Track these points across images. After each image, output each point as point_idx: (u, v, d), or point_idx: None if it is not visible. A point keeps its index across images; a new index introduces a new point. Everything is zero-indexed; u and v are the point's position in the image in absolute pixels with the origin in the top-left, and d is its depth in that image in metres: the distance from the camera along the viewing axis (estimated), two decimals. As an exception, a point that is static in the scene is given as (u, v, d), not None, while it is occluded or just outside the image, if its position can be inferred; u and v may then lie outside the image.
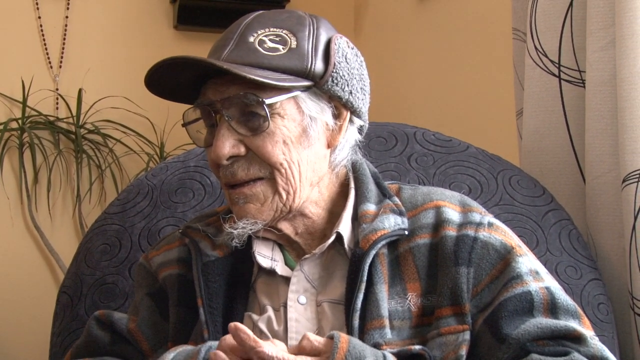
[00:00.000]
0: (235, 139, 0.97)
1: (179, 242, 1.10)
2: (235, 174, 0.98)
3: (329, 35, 1.01)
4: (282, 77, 0.96)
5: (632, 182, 1.25)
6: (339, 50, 1.00)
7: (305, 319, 0.99)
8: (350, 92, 1.01)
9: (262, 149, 0.97)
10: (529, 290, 0.95)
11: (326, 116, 1.01)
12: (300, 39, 0.98)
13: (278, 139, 0.97)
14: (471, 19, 2.14)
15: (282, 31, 0.99)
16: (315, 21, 1.02)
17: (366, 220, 1.01)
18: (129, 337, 1.07)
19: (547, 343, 0.92)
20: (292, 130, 0.98)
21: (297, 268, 1.02)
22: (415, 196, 1.07)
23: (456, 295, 0.96)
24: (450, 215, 1.02)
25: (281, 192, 0.99)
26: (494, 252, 0.99)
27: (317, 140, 1.01)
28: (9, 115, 2.48)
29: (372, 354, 0.86)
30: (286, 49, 0.97)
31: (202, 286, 1.01)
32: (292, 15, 1.02)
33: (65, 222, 2.56)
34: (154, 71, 0.96)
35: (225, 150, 0.97)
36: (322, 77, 0.98)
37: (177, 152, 2.49)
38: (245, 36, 0.98)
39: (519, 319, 0.94)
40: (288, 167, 0.98)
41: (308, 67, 0.97)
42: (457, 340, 0.94)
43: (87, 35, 2.59)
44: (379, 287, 0.96)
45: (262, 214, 1.00)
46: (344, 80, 1.00)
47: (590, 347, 0.91)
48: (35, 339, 2.38)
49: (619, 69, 1.27)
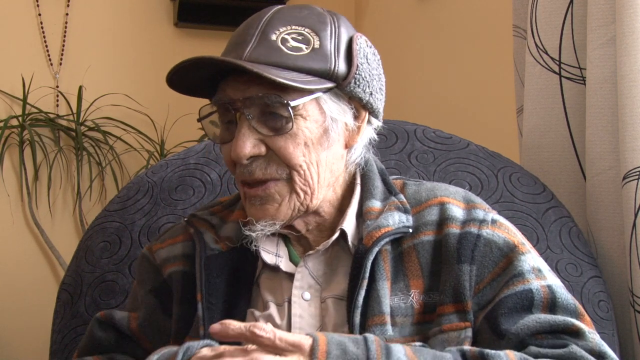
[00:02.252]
0: (256, 138, 0.96)
1: (182, 236, 1.10)
2: (252, 172, 0.97)
3: (350, 35, 1.00)
4: (307, 79, 0.94)
5: (633, 179, 1.25)
6: (361, 50, 0.99)
7: (309, 315, 0.99)
8: (370, 93, 1.01)
9: (284, 150, 0.96)
10: (530, 288, 0.95)
11: (347, 117, 1.00)
12: (323, 38, 0.97)
13: (300, 141, 0.96)
14: (471, 17, 2.14)
15: (304, 29, 0.97)
16: (336, 19, 1.01)
17: (371, 217, 1.01)
18: (132, 337, 1.08)
19: (545, 337, 0.92)
20: (313, 132, 0.97)
21: (301, 264, 1.02)
22: (420, 192, 1.06)
23: (458, 292, 0.96)
24: (454, 213, 1.02)
25: (299, 192, 0.98)
26: (497, 250, 0.99)
27: (336, 141, 1.00)
28: (9, 113, 2.48)
29: (351, 339, 0.85)
30: (309, 48, 0.96)
31: (203, 281, 1.01)
32: (312, 12, 1.01)
33: (66, 219, 2.56)
34: (177, 70, 0.95)
35: (247, 150, 0.95)
36: (345, 79, 0.97)
37: (178, 149, 2.49)
38: (267, 33, 0.96)
39: (518, 315, 0.94)
40: (307, 169, 0.98)
41: (331, 68, 0.96)
42: (460, 337, 0.94)
43: (88, 32, 2.59)
44: (381, 284, 0.96)
45: (280, 214, 0.99)
46: (366, 81, 1.00)
47: (589, 342, 0.91)
48: (35, 336, 2.39)
49: (620, 66, 1.27)
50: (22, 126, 2.44)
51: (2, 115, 2.47)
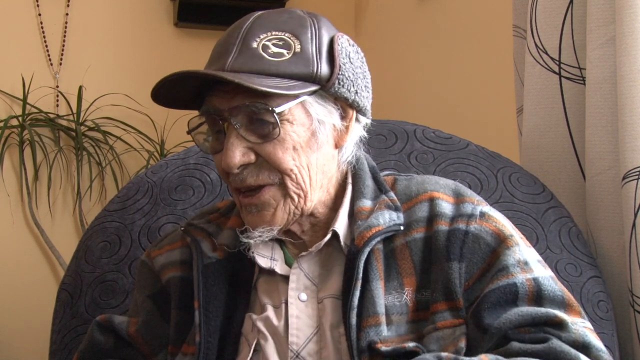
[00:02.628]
0: (245, 146, 0.97)
1: (181, 242, 1.10)
2: (244, 180, 0.98)
3: (331, 35, 1.00)
4: (290, 84, 0.95)
5: (632, 179, 1.25)
6: (342, 50, 0.99)
7: (306, 316, 1.00)
8: (355, 92, 1.01)
9: (273, 156, 0.96)
10: (514, 282, 0.95)
11: (334, 118, 1.01)
12: (304, 41, 0.97)
13: (288, 145, 0.97)
14: (471, 17, 2.14)
15: (285, 34, 0.98)
16: (316, 21, 1.01)
17: (361, 217, 1.01)
18: (130, 341, 1.08)
19: (528, 330, 0.92)
20: (301, 136, 0.98)
21: (295, 266, 1.02)
22: (410, 187, 1.07)
23: (450, 290, 0.96)
24: (443, 209, 1.02)
25: (293, 196, 0.99)
26: (485, 246, 0.99)
27: (325, 142, 1.01)
28: (9, 113, 2.48)
29: None
30: (290, 53, 0.96)
31: (200, 288, 1.01)
32: (292, 16, 1.01)
33: (66, 219, 2.56)
34: (160, 85, 0.95)
35: (236, 159, 0.96)
36: (329, 80, 0.97)
37: (178, 149, 2.49)
38: (248, 41, 0.96)
39: (502, 309, 0.94)
40: (298, 172, 0.98)
41: (314, 71, 0.96)
42: (455, 334, 0.94)
43: (88, 32, 2.59)
44: (375, 284, 0.97)
45: (277, 219, 1.00)
46: (350, 81, 1.00)
47: (572, 333, 0.91)
48: (35, 335, 2.39)
49: (619, 66, 1.27)
50: (22, 126, 2.44)
51: (2, 115, 2.47)
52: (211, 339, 0.98)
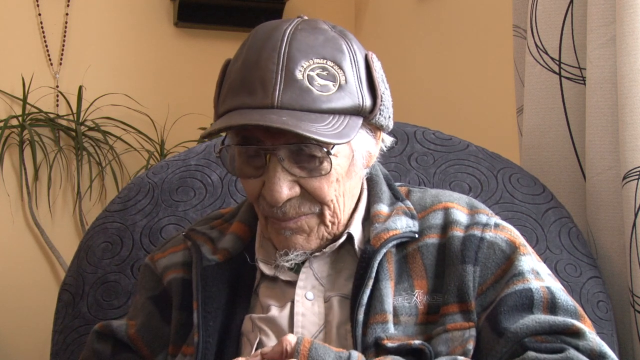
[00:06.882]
0: (290, 180, 0.95)
1: (184, 245, 1.11)
2: (286, 213, 0.97)
3: (363, 55, 0.99)
4: (343, 123, 0.92)
5: (633, 179, 1.26)
6: (379, 76, 0.99)
7: (312, 313, 1.00)
8: (389, 116, 1.02)
9: (319, 190, 0.96)
10: (529, 288, 0.96)
11: (369, 145, 1.01)
12: (347, 71, 0.95)
13: (333, 179, 0.97)
14: (471, 17, 2.14)
15: (327, 63, 0.94)
16: (349, 42, 0.98)
17: (379, 220, 1.02)
18: (130, 344, 1.08)
19: (545, 339, 0.92)
20: (343, 167, 0.98)
21: (307, 265, 1.03)
22: (425, 198, 1.08)
23: (462, 292, 0.97)
24: (458, 217, 1.03)
25: (327, 224, 1.00)
26: (500, 252, 1.00)
27: (360, 168, 1.02)
28: (9, 113, 2.48)
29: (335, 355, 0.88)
30: (336, 85, 0.94)
31: (199, 289, 1.02)
32: (327, 37, 0.97)
33: (66, 219, 2.56)
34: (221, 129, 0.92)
35: (284, 194, 0.95)
36: (371, 112, 0.97)
37: (178, 149, 2.49)
38: (291, 70, 0.92)
39: (518, 314, 0.94)
40: (336, 202, 0.99)
41: (360, 104, 0.95)
42: (464, 336, 0.95)
43: (88, 32, 2.59)
44: (384, 284, 0.97)
45: (310, 244, 1.01)
46: (387, 109, 1.00)
47: (589, 342, 0.91)
48: (35, 336, 2.39)
49: (620, 66, 1.27)
50: (22, 126, 2.44)
51: (2, 115, 2.47)
52: (210, 340, 0.99)
